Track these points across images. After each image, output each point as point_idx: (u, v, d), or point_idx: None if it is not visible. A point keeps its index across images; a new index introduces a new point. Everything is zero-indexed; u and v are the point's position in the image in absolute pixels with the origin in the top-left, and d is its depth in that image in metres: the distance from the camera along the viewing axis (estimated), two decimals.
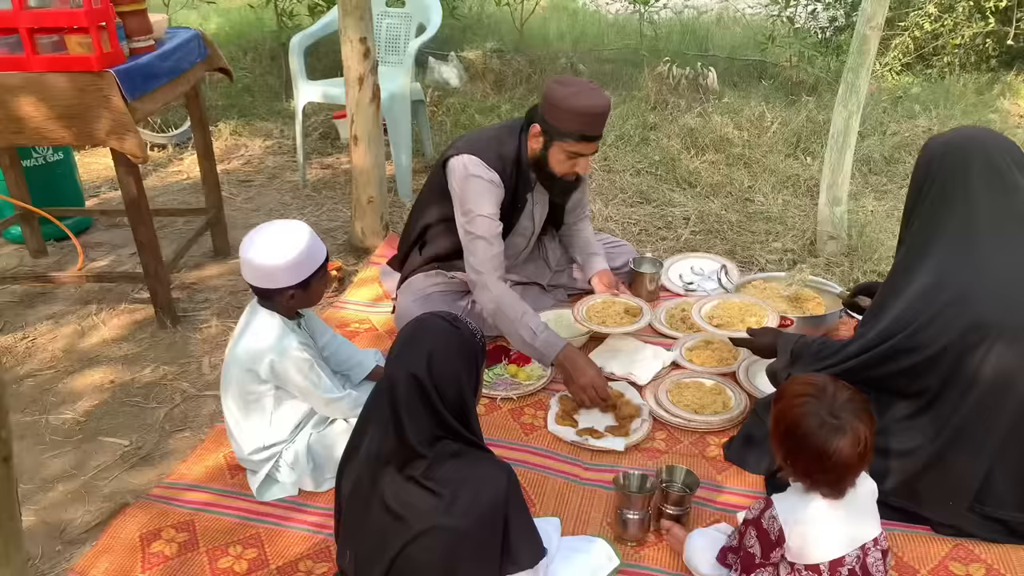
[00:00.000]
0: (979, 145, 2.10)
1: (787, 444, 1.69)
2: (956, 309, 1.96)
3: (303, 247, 2.16)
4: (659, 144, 4.97)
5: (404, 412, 1.60)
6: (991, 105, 5.68)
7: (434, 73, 6.31)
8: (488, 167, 2.71)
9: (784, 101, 5.50)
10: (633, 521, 2.10)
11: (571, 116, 2.57)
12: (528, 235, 3.04)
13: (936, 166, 2.13)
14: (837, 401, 1.66)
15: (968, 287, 1.97)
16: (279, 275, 2.15)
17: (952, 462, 2.01)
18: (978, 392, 1.95)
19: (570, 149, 2.64)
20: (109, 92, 2.68)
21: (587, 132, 2.59)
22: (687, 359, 2.89)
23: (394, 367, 1.65)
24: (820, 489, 1.68)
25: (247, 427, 2.29)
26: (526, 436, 2.56)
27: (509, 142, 2.77)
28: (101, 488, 2.40)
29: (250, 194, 4.56)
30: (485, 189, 2.70)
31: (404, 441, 1.61)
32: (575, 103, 2.55)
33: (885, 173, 4.66)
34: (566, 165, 2.69)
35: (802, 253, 3.71)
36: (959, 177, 2.08)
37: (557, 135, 2.63)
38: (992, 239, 2.01)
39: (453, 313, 1.76)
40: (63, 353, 3.06)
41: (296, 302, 2.24)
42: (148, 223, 3.01)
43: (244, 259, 2.17)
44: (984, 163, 2.07)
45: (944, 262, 2.03)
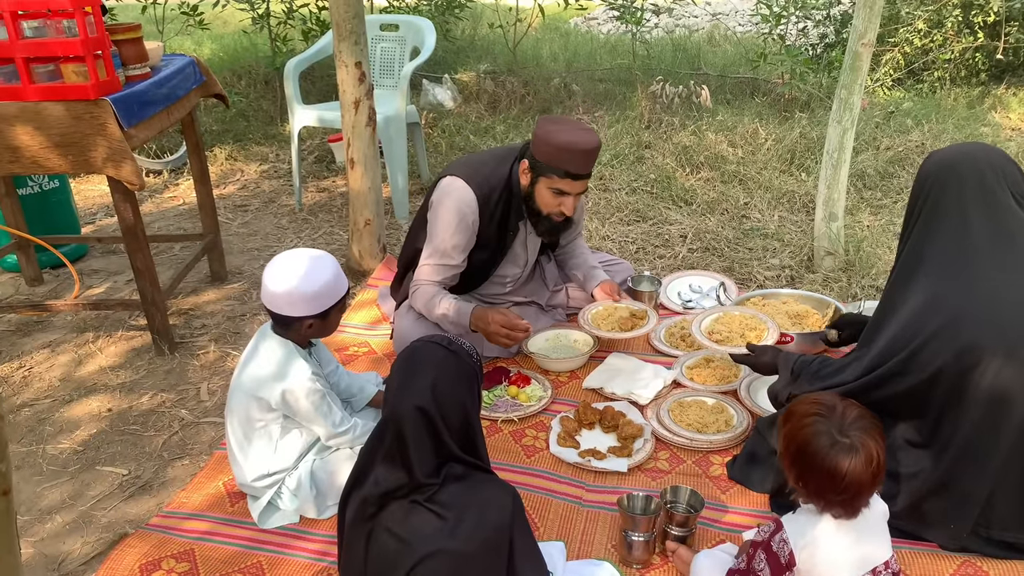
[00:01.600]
0: (971, 163, 2.09)
1: (798, 465, 1.67)
2: (950, 332, 1.94)
3: (329, 277, 2.15)
4: (654, 162, 4.99)
5: (412, 448, 1.58)
6: (982, 119, 5.72)
7: (428, 95, 6.34)
8: (473, 195, 2.73)
9: (777, 118, 5.53)
10: (638, 543, 2.08)
11: (557, 152, 2.58)
12: (522, 264, 3.04)
13: (930, 183, 2.12)
14: (847, 419, 1.64)
15: (960, 308, 1.95)
16: (301, 303, 2.14)
17: (955, 485, 1.99)
18: (976, 413, 1.94)
19: (555, 186, 2.65)
20: (105, 120, 2.68)
21: (572, 169, 2.60)
22: (688, 377, 2.88)
23: (398, 401, 1.62)
24: (833, 510, 1.66)
25: (252, 454, 2.27)
26: (528, 458, 2.54)
27: (500, 168, 2.79)
28: (99, 518, 2.38)
29: (246, 219, 4.56)
30: (457, 221, 2.74)
31: (412, 476, 1.59)
32: (561, 139, 2.57)
33: (880, 188, 4.67)
34: (552, 203, 2.70)
35: (800, 269, 3.71)
36: (951, 195, 2.07)
37: (543, 171, 2.64)
38: (983, 258, 2.00)
39: (446, 336, 1.74)
40: (60, 382, 3.04)
41: (313, 332, 2.22)
42: (145, 250, 3.00)
43: (266, 284, 2.15)
44: (976, 181, 2.06)
45: (936, 282, 2.02)
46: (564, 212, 2.72)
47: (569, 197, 2.68)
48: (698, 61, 6.85)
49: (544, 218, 2.77)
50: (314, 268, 2.14)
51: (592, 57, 7.30)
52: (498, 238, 2.87)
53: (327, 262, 2.18)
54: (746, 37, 8.07)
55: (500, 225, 2.84)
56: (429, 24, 4.78)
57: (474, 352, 1.72)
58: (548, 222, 2.78)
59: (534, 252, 3.07)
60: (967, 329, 1.93)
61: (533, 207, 2.75)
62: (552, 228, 2.83)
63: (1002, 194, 2.04)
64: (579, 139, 2.57)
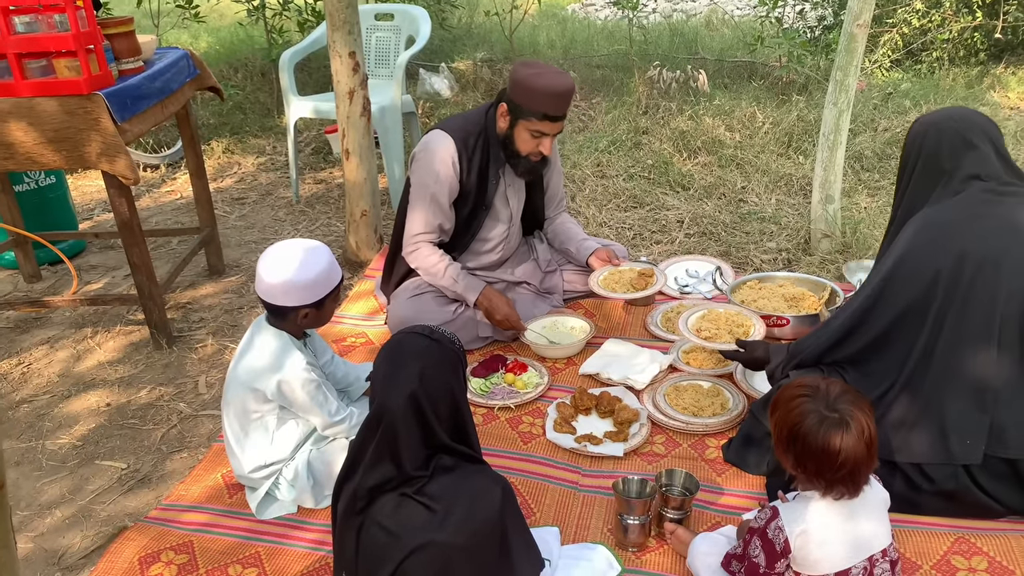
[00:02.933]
0: (954, 121, 2.22)
1: (793, 449, 1.67)
2: (934, 245, 2.07)
3: (323, 266, 2.17)
4: (651, 148, 4.97)
5: (402, 440, 1.59)
6: (981, 98, 5.69)
7: (425, 84, 6.32)
8: (451, 141, 2.83)
9: (775, 101, 5.50)
10: (634, 527, 2.09)
11: (535, 96, 2.67)
12: (507, 221, 3.08)
13: (917, 144, 2.23)
14: (831, 395, 1.65)
15: (942, 227, 2.09)
16: (296, 293, 2.15)
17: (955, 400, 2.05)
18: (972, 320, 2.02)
19: (534, 128, 2.74)
20: (99, 114, 2.68)
21: (550, 112, 2.69)
22: (684, 361, 2.88)
23: (387, 393, 1.62)
24: (835, 490, 1.66)
25: (248, 445, 2.28)
26: (525, 445, 2.55)
27: (476, 118, 2.91)
28: (99, 512, 2.39)
29: (244, 212, 4.57)
30: (436, 161, 2.83)
31: (401, 469, 1.60)
32: (539, 83, 2.66)
33: (877, 169, 4.66)
34: (531, 144, 2.79)
35: (797, 252, 3.71)
36: (941, 152, 2.18)
37: (522, 114, 2.73)
38: (966, 202, 2.12)
39: (427, 326, 1.75)
40: (59, 378, 3.05)
41: (308, 321, 2.23)
42: (141, 244, 3.01)
43: (261, 275, 2.16)
44: (961, 138, 2.18)
45: (917, 235, 2.11)
46: (542, 152, 2.82)
47: (547, 138, 2.79)
48: (695, 46, 6.82)
49: (523, 159, 2.85)
50: (308, 257, 2.15)
51: (589, 43, 7.27)
52: (479, 188, 2.94)
53: (321, 251, 2.19)
54: (743, 20, 8.02)
55: (480, 173, 2.92)
56: (424, 13, 4.76)
57: (455, 339, 1.73)
58: (527, 162, 2.87)
59: (517, 210, 3.11)
60: (949, 241, 2.05)
61: (512, 149, 2.84)
62: (531, 168, 2.92)
63: (984, 147, 2.17)
64: (556, 82, 2.67)
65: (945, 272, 2.03)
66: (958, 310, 2.02)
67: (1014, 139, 5.00)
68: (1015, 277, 2.01)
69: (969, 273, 2.01)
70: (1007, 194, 2.12)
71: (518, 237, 3.20)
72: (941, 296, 2.03)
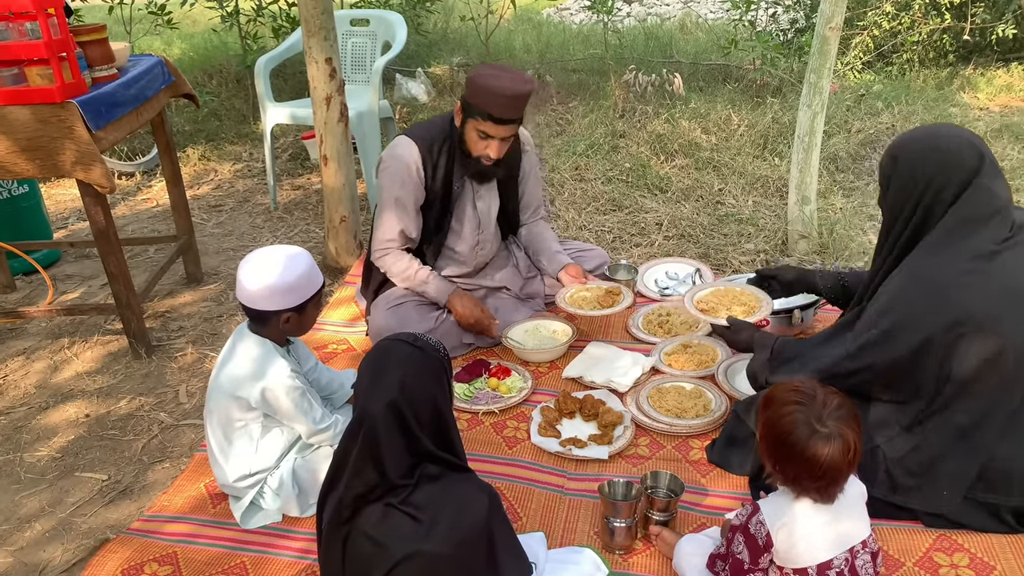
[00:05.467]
0: (959, 147, 2.05)
1: (777, 453, 1.69)
2: (938, 301, 1.97)
3: (304, 270, 2.15)
4: (629, 151, 5.00)
5: (384, 447, 1.58)
6: (951, 99, 5.79)
7: (402, 89, 6.31)
8: (414, 146, 2.83)
9: (750, 104, 5.56)
10: (620, 529, 2.10)
11: (483, 95, 2.66)
12: (475, 226, 3.05)
13: (927, 174, 2.03)
14: (826, 409, 1.65)
15: (948, 282, 1.98)
16: (277, 297, 2.13)
17: (949, 457, 2.04)
18: (970, 384, 1.98)
19: (480, 128, 2.72)
20: (72, 123, 2.65)
21: (495, 113, 2.66)
22: (666, 363, 2.90)
23: (368, 400, 1.62)
24: (810, 495, 1.68)
25: (232, 454, 2.26)
26: (510, 449, 2.55)
27: (442, 123, 2.91)
28: (80, 525, 2.36)
29: (221, 219, 4.53)
30: (401, 169, 2.83)
31: (385, 477, 1.59)
32: (488, 83, 2.64)
33: (852, 170, 4.72)
34: (479, 145, 2.78)
35: (775, 253, 3.75)
36: (950, 186, 2.02)
37: (471, 112, 2.72)
38: (974, 240, 2.01)
39: (411, 333, 1.75)
40: (36, 389, 3.01)
41: (290, 327, 2.21)
42: (118, 253, 2.97)
43: (242, 280, 2.14)
44: (971, 166, 2.02)
45: (925, 259, 2.04)
46: (490, 155, 2.78)
47: (494, 141, 2.75)
48: (670, 49, 6.86)
49: (473, 160, 2.84)
50: (289, 262, 2.14)
51: (565, 47, 7.30)
52: (444, 193, 2.93)
53: (301, 256, 2.18)
54: (717, 24, 8.09)
55: (445, 178, 2.91)
56: (400, 18, 4.76)
57: (440, 347, 1.73)
58: (477, 164, 2.85)
59: (488, 216, 3.09)
60: (956, 299, 1.96)
61: (464, 148, 2.83)
62: (481, 171, 2.89)
63: (994, 178, 2.03)
64: (505, 85, 2.64)
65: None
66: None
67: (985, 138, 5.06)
68: None
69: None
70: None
71: (494, 243, 3.18)
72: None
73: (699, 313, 2.69)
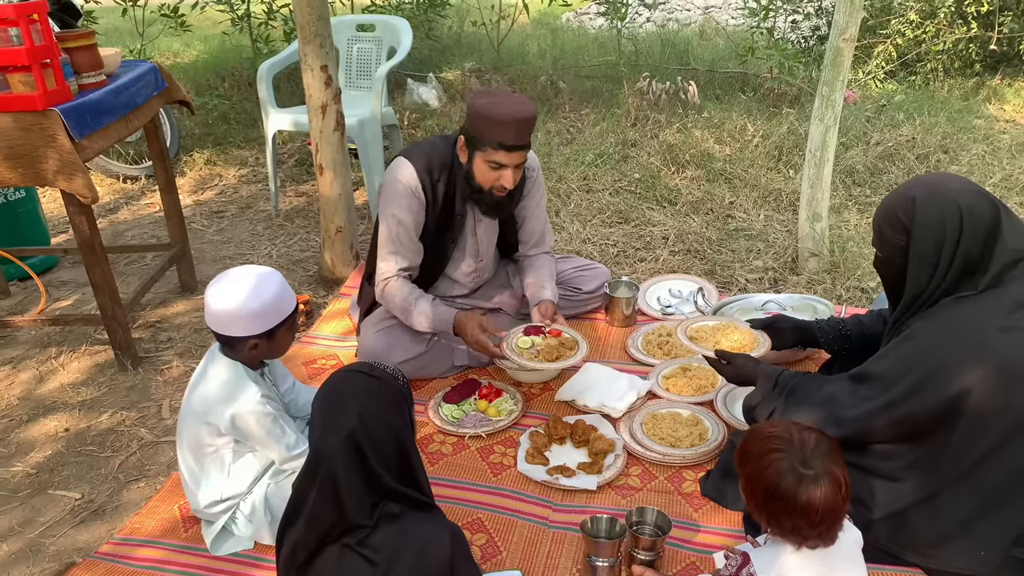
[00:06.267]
0: (979, 202, 1.90)
1: (768, 507, 1.59)
2: (974, 352, 1.83)
3: (269, 297, 2.05)
4: (639, 161, 4.88)
5: (343, 486, 1.50)
6: (976, 111, 5.61)
7: (413, 95, 6.24)
8: (413, 170, 2.69)
9: (766, 113, 5.42)
10: (602, 569, 2.00)
11: (489, 124, 2.52)
12: (475, 254, 2.94)
13: (955, 226, 1.88)
14: (807, 449, 1.56)
15: (985, 334, 1.84)
16: (243, 323, 2.04)
17: (988, 514, 1.90)
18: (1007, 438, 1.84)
19: (491, 159, 2.58)
20: (54, 131, 2.59)
21: (506, 140, 2.52)
22: (663, 387, 2.78)
23: (323, 438, 1.54)
24: (810, 543, 1.58)
25: (204, 479, 2.19)
26: (495, 477, 2.45)
27: (443, 148, 2.75)
28: (47, 547, 2.29)
29: (222, 225, 4.47)
30: (400, 192, 2.70)
31: (344, 517, 1.50)
32: (492, 111, 2.51)
33: (869, 184, 4.57)
34: (490, 176, 2.62)
35: (783, 271, 3.61)
36: (976, 239, 1.88)
37: (478, 145, 2.58)
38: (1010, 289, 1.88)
39: (366, 363, 1.65)
40: (19, 400, 2.95)
41: (259, 353, 2.12)
42: (103, 263, 2.91)
43: (208, 303, 2.07)
44: (992, 218, 1.89)
45: (959, 311, 1.89)
46: (504, 186, 2.63)
47: (507, 170, 2.60)
48: (686, 56, 6.74)
49: (486, 193, 2.68)
50: (257, 285, 2.04)
51: (580, 53, 7.19)
52: (445, 223, 2.81)
53: (271, 278, 2.08)
54: (736, 31, 7.94)
55: (446, 207, 2.78)
56: (405, 24, 4.67)
57: (399, 375, 1.64)
58: (490, 197, 2.69)
59: (489, 244, 2.98)
60: (995, 349, 1.81)
61: (474, 184, 2.67)
62: (496, 204, 2.73)
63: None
64: (509, 109, 2.50)
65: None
66: None
67: (1009, 153, 4.91)
68: None
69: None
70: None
71: (492, 267, 3.08)
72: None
73: (692, 344, 2.56)
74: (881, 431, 1.94)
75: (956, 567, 1.93)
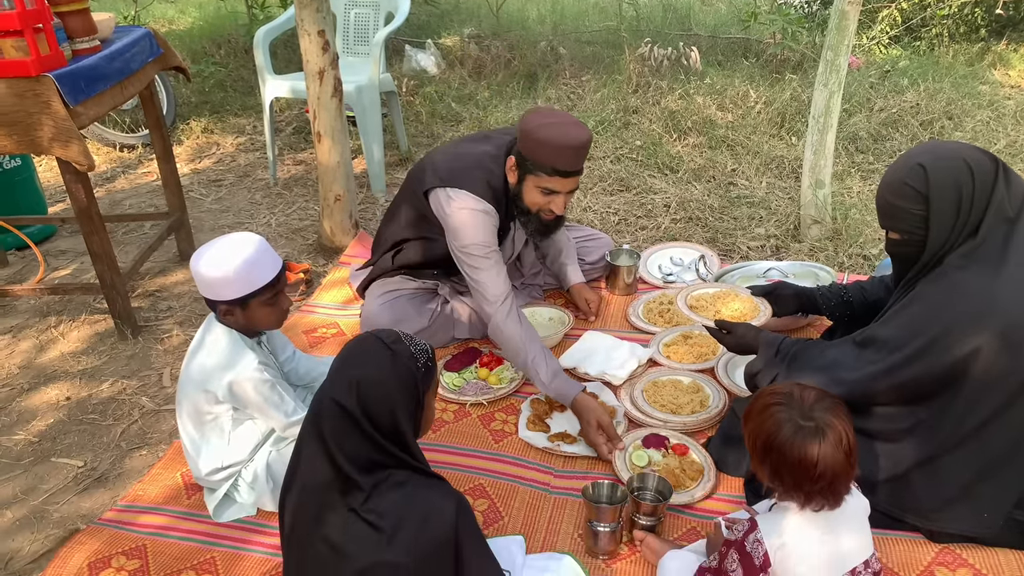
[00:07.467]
0: (986, 164, 1.90)
1: (769, 461, 1.58)
2: (984, 313, 1.81)
3: (237, 263, 2.01)
4: (640, 128, 4.84)
5: (332, 441, 1.51)
6: (981, 76, 5.54)
7: (411, 61, 6.17)
8: (481, 199, 2.55)
9: (768, 80, 5.36)
10: (603, 534, 2.00)
11: (544, 148, 2.40)
12: (506, 259, 2.85)
13: (972, 188, 1.87)
14: (807, 403, 1.56)
15: (993, 293, 1.82)
16: (211, 288, 2.04)
17: (992, 475, 1.90)
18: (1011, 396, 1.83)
19: (544, 184, 2.47)
20: (49, 97, 2.55)
21: (561, 166, 2.41)
22: (664, 355, 2.78)
23: (321, 393, 1.55)
24: (815, 502, 1.57)
25: (204, 447, 2.19)
26: (496, 444, 2.46)
27: (496, 171, 2.59)
28: (51, 513, 2.30)
29: (220, 194, 4.44)
30: (482, 222, 2.54)
31: (338, 470, 1.51)
32: (548, 134, 2.38)
33: (872, 151, 4.53)
34: (541, 201, 2.52)
35: (785, 239, 3.59)
36: (995, 199, 1.87)
37: (531, 169, 2.46)
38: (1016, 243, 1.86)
39: (395, 332, 1.64)
40: (19, 369, 2.95)
41: (236, 321, 2.11)
42: (101, 232, 2.89)
43: (191, 264, 2.08)
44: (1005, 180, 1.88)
45: (971, 274, 1.87)
46: (554, 211, 2.53)
47: (559, 195, 2.49)
48: (688, 21, 6.65)
49: (533, 216, 2.59)
50: (230, 251, 2.03)
51: (580, 18, 7.09)
52: (500, 239, 2.70)
53: (245, 247, 2.04)
54: None
55: (501, 228, 2.68)
56: None
57: (422, 356, 1.62)
58: (537, 221, 2.60)
59: (519, 247, 2.94)
60: (1004, 307, 1.80)
61: (521, 206, 2.57)
62: (542, 227, 2.64)
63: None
64: (568, 134, 2.38)
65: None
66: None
67: (1014, 119, 4.86)
68: None
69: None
70: None
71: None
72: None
73: (692, 314, 2.54)
74: (884, 394, 1.93)
75: (957, 529, 1.94)
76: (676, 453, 2.31)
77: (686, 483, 2.21)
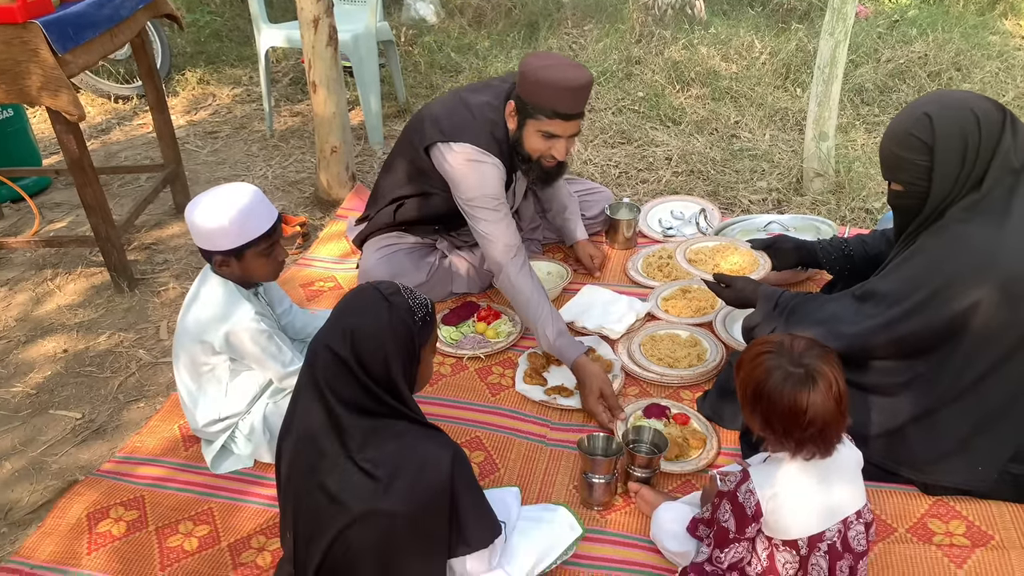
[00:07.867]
0: (995, 114, 1.86)
1: (759, 409, 1.58)
2: (985, 267, 1.80)
3: (234, 212, 2.00)
4: (643, 79, 4.75)
5: (327, 387, 1.51)
6: (991, 26, 5.42)
7: (411, 10, 6.05)
8: (486, 152, 2.50)
9: (774, 30, 5.25)
10: (598, 485, 2.01)
11: (544, 90, 2.34)
12: (511, 205, 2.82)
13: (978, 138, 1.83)
14: (796, 351, 1.55)
15: (995, 245, 1.80)
16: (205, 238, 2.03)
17: (988, 429, 1.90)
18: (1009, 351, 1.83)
19: (544, 128, 2.41)
20: (36, 45, 2.50)
21: (560, 108, 2.35)
22: (663, 309, 2.76)
23: (316, 342, 1.56)
24: (806, 449, 1.57)
25: (201, 399, 2.19)
26: (493, 397, 2.46)
27: (499, 120, 2.52)
28: (50, 465, 2.31)
29: (216, 146, 4.39)
30: (488, 173, 2.50)
31: (333, 416, 1.51)
32: (548, 76, 2.32)
33: (878, 103, 4.45)
34: (542, 146, 2.46)
35: (788, 192, 3.55)
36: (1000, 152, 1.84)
37: (531, 112, 2.41)
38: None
39: (395, 284, 1.63)
40: (16, 322, 2.95)
41: (232, 272, 2.09)
42: (94, 184, 2.86)
43: (186, 214, 2.06)
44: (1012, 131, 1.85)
45: (969, 227, 1.84)
46: (556, 156, 2.48)
47: (560, 140, 2.44)
48: None
49: (535, 164, 2.54)
50: (226, 201, 2.01)
51: None
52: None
53: (239, 197, 2.02)
54: None
55: (507, 180, 2.62)
56: None
57: (420, 309, 1.60)
58: (539, 168, 2.55)
59: (519, 200, 2.90)
60: (1005, 261, 1.78)
61: (522, 152, 2.51)
62: (544, 175, 2.59)
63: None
64: (568, 75, 2.32)
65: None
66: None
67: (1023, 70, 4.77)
68: None
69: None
70: None
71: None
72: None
73: (691, 267, 2.51)
74: (883, 348, 1.92)
75: (952, 482, 1.95)
76: (677, 423, 2.29)
77: (689, 452, 2.19)
